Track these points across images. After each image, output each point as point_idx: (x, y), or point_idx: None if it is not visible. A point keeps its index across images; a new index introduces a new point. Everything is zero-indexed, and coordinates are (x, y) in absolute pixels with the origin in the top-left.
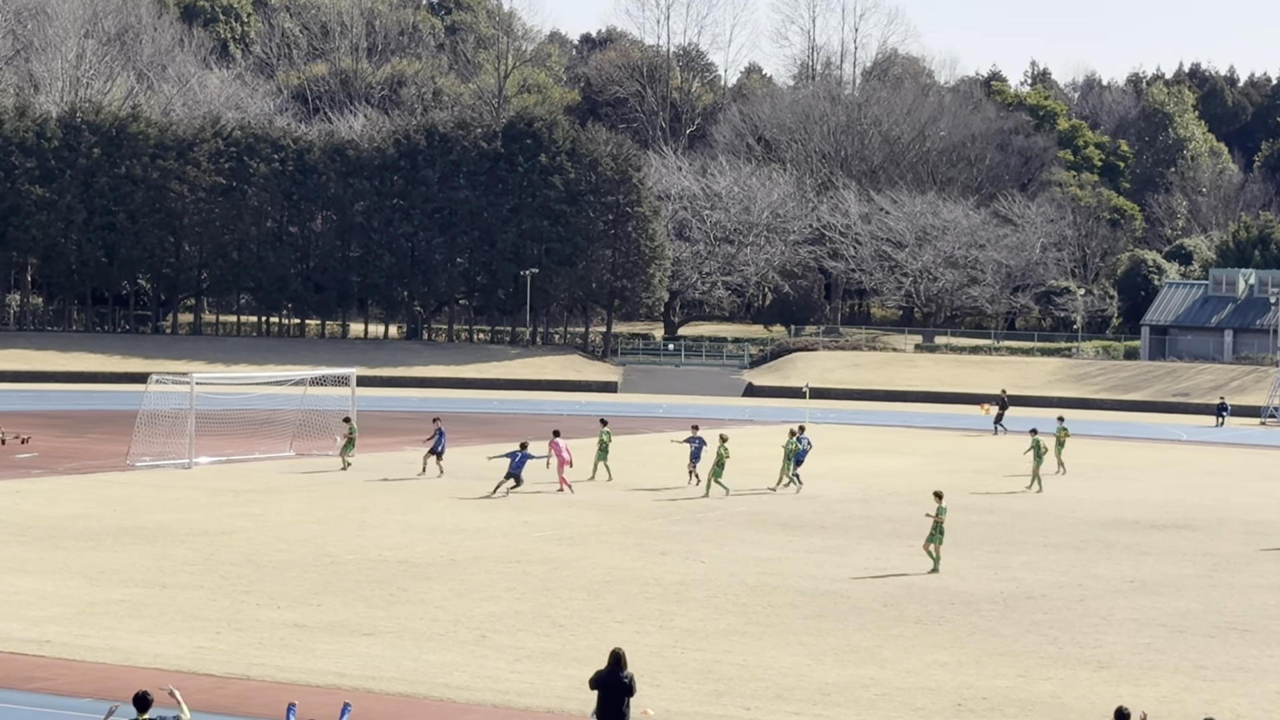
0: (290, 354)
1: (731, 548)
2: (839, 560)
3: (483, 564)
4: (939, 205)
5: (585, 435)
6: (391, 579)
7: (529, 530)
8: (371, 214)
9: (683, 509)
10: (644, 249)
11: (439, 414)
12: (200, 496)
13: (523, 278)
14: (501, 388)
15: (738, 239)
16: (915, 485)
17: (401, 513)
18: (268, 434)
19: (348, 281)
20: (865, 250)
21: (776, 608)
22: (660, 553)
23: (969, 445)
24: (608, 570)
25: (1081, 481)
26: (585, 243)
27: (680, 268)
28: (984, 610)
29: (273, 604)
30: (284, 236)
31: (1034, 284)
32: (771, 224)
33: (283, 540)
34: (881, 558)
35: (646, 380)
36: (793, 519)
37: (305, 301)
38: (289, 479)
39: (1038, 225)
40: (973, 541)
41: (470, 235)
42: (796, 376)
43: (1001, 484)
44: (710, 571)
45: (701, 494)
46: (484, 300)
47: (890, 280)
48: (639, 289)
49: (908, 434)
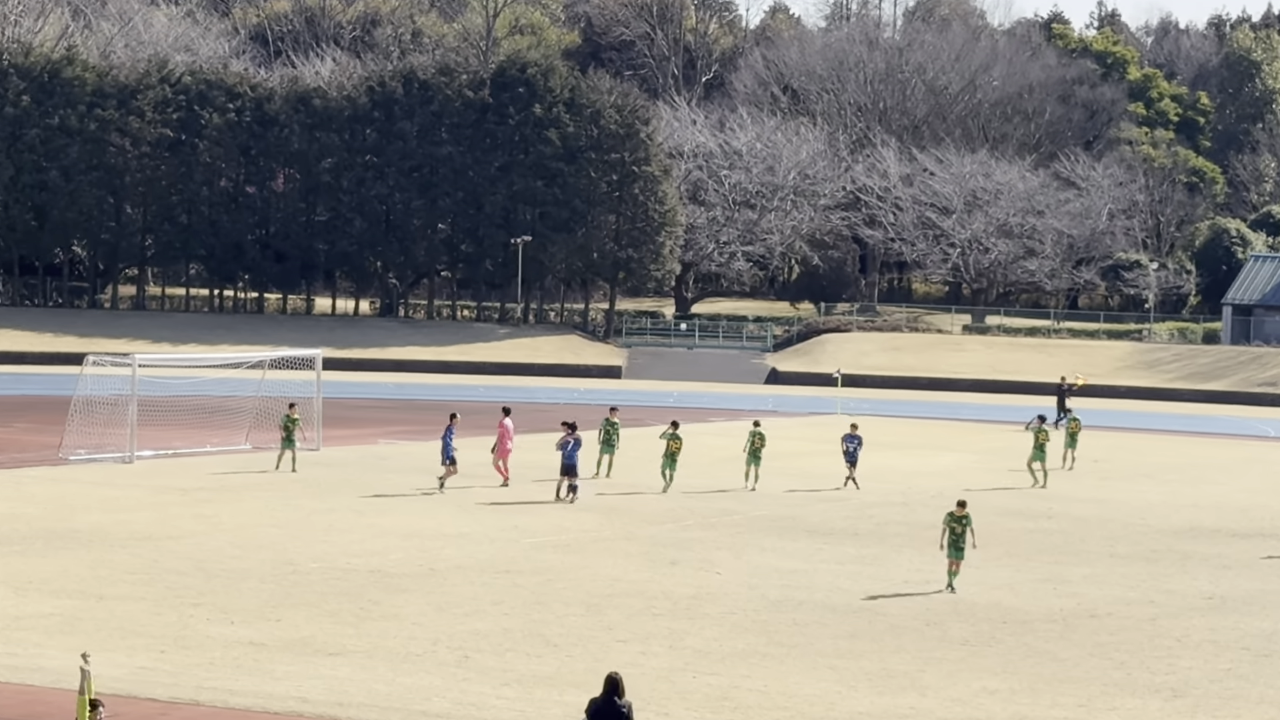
0: (247, 332)
1: (751, 557)
2: (874, 572)
3: (466, 574)
4: (991, 166)
5: (587, 426)
6: (361, 591)
7: (519, 535)
8: (340, 172)
9: (696, 512)
10: (653, 214)
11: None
12: (143, 495)
13: (513, 246)
14: (489, 372)
15: (760, 203)
16: (962, 486)
17: (373, 515)
18: (221, 424)
19: (313, 250)
20: (906, 217)
21: (802, 626)
22: (670, 562)
23: (1024, 441)
24: (609, 582)
25: (1153, 484)
26: (585, 207)
27: (694, 236)
28: (1040, 630)
29: (225, 618)
30: (240, 198)
31: (1100, 257)
32: (799, 186)
33: (237, 546)
34: (923, 569)
35: (655, 364)
36: (821, 525)
37: (264, 272)
38: (245, 476)
39: (1104, 189)
40: (1028, 551)
41: (453, 197)
42: (827, 361)
43: (1061, 485)
44: (727, 584)
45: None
46: (469, 272)
47: (935, 251)
48: (647, 260)
49: (954, 428)
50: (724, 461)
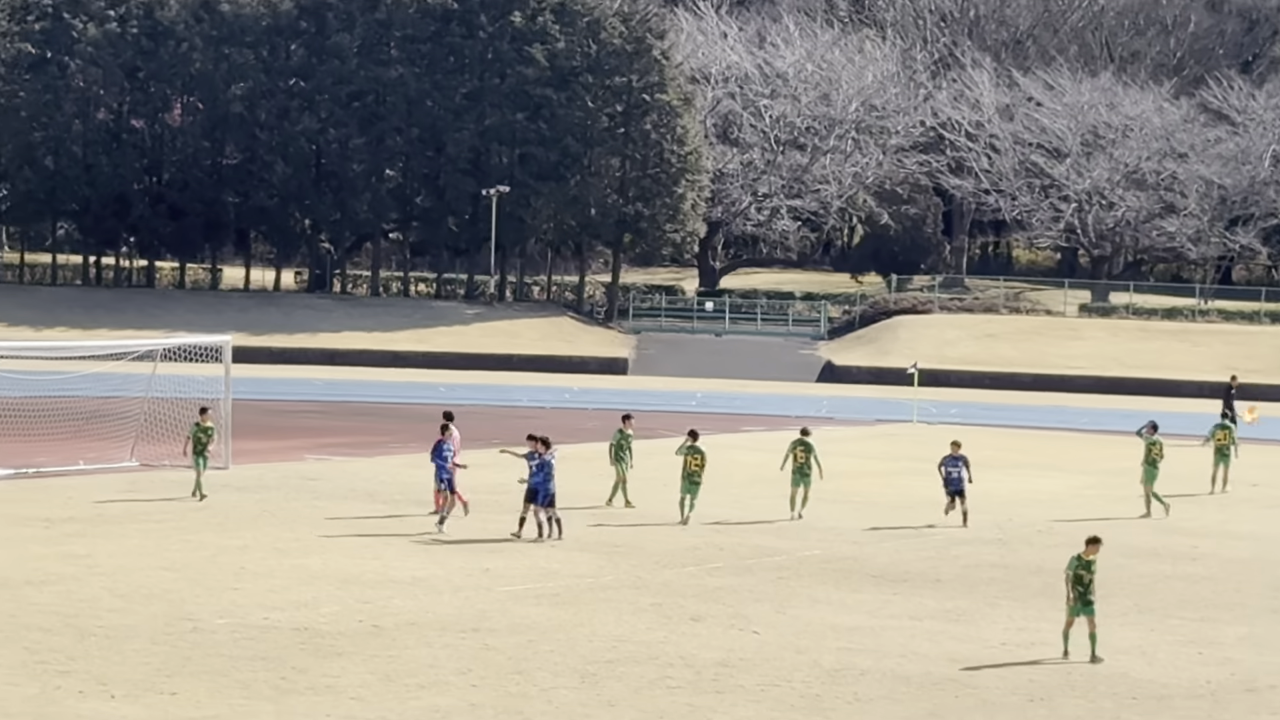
0: (132, 313)
1: (799, 611)
2: (962, 632)
3: (421, 633)
4: (1117, 94)
5: (583, 438)
6: (283, 654)
7: (492, 582)
8: (256, 102)
9: (725, 551)
10: (669, 157)
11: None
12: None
13: (485, 200)
14: (452, 365)
15: (812, 143)
16: (1079, 517)
17: (299, 554)
18: (97, 434)
19: (220, 203)
20: (1005, 161)
21: (867, 703)
22: (691, 618)
23: (1174, 458)
24: (611, 644)
25: None
26: (580, 147)
27: (725, 186)
28: (1181, 709)
29: (103, 691)
30: (124, 134)
31: (1260, 215)
32: (863, 121)
33: (119, 595)
34: (1026, 628)
35: (672, 357)
36: (892, 568)
37: (156, 233)
38: (129, 503)
39: (1267, 125)
40: (1166, 604)
41: (406, 135)
42: (899, 352)
43: (1211, 515)
44: (767, 647)
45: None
46: (426, 234)
47: (1042, 208)
48: (661, 218)
49: (1067, 440)
50: (762, 483)
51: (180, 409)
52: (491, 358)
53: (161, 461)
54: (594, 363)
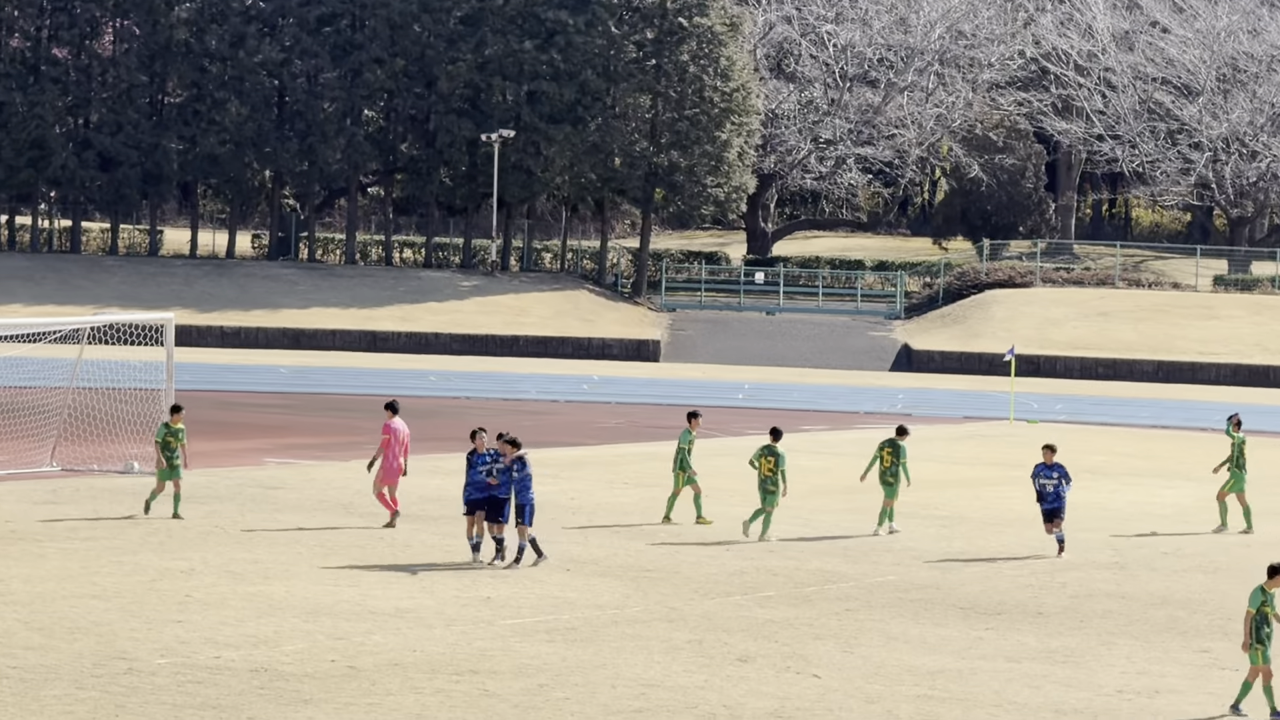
0: (54, 284)
1: (869, 650)
2: (1070, 676)
3: (407, 675)
4: (1262, 18)
5: (604, 438)
6: (238, 702)
7: (493, 614)
8: (205, 26)
9: (779, 576)
10: (711, 95)
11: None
12: None
13: (485, 147)
14: (444, 349)
15: (886, 79)
16: (1215, 537)
17: (258, 580)
18: (10, 433)
19: (161, 150)
20: (1123, 101)
21: None
22: (737, 658)
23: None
24: (639, 690)
25: None
26: (603, 83)
27: (779, 131)
28: None
29: None
30: (43, 66)
31: None
32: (949, 51)
33: (37, 629)
34: (1149, 671)
35: (713, 340)
36: (983, 599)
37: (82, 186)
38: (49, 514)
39: None
40: None
41: (388, 67)
42: (990, 335)
43: None
44: (830, 694)
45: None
46: (414, 189)
47: (1169, 158)
48: (701, 170)
49: (1199, 443)
50: (824, 494)
51: (112, 402)
52: (493, 340)
53: (89, 466)
54: (618, 346)
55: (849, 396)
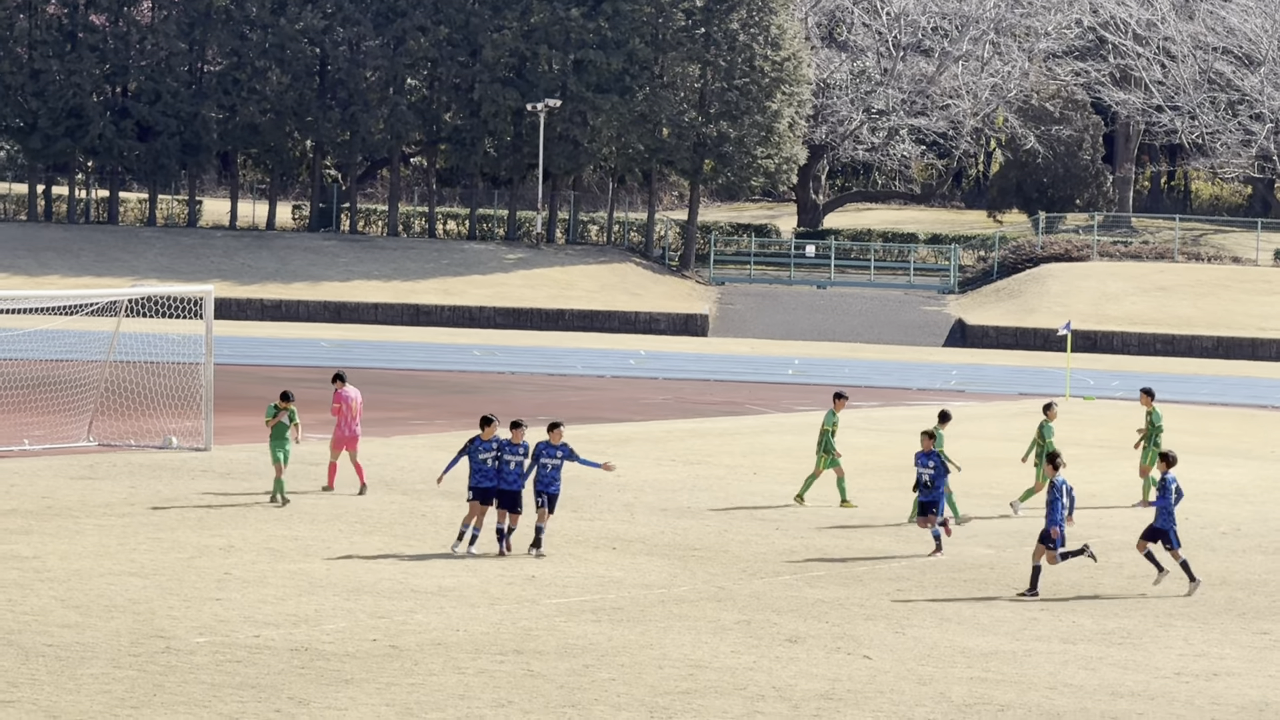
0: (91, 256)
1: (921, 630)
2: (1127, 657)
3: (450, 655)
4: None
5: (651, 414)
6: (278, 682)
7: (538, 593)
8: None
9: (830, 555)
10: (761, 65)
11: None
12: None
13: (531, 117)
14: (488, 323)
15: (940, 47)
16: (1275, 517)
17: (298, 557)
18: (47, 407)
19: (200, 120)
20: (1183, 71)
21: None
22: (787, 639)
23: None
24: (687, 670)
25: None
26: (651, 52)
27: (831, 102)
28: None
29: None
30: (81, 34)
31: None
32: (1005, 19)
33: (73, 606)
34: (1207, 654)
35: (763, 313)
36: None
37: (120, 157)
38: (86, 490)
39: None
40: None
41: (432, 35)
42: (1047, 309)
43: None
44: (881, 675)
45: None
46: (458, 159)
47: (1230, 129)
48: (751, 141)
49: (1260, 420)
50: (875, 472)
51: (150, 376)
52: (538, 313)
53: (126, 441)
54: (665, 320)
55: (901, 372)
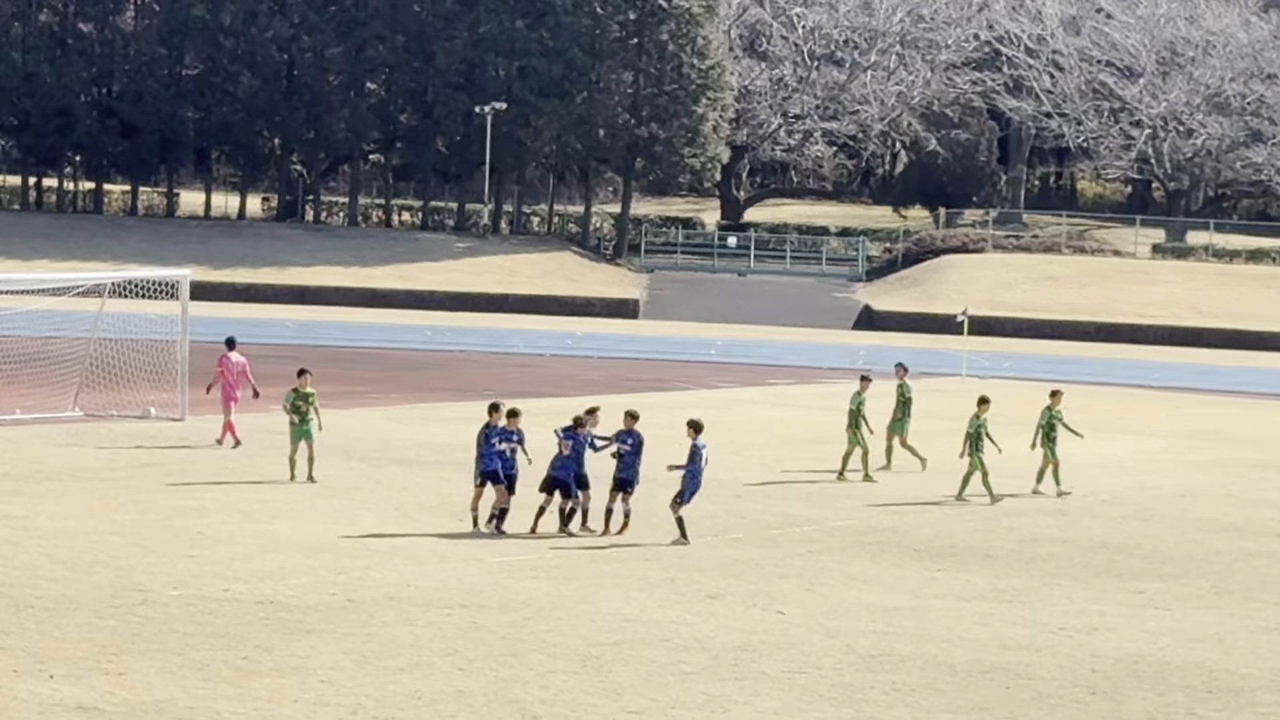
0: (78, 241)
1: (830, 588)
2: (1015, 614)
3: (401, 608)
4: (1198, 6)
5: (587, 390)
6: (246, 631)
7: (483, 552)
8: (220, 4)
9: (747, 520)
10: (688, 72)
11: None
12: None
13: (479, 118)
14: (439, 306)
15: (851, 58)
16: (1150, 486)
17: (264, 518)
18: (36, 380)
19: (178, 119)
20: (1069, 81)
21: (906, 693)
22: (708, 595)
23: (1259, 420)
24: (617, 624)
25: None
26: (588, 60)
27: (751, 107)
28: (1264, 704)
29: (40, 671)
30: (69, 39)
31: None
32: (909, 33)
33: (59, 562)
34: (1089, 611)
35: (688, 299)
36: (937, 542)
37: (105, 152)
38: (71, 456)
39: None
40: (1248, 587)
41: (390, 43)
42: (945, 297)
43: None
44: (793, 629)
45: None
46: (412, 156)
47: (1112, 134)
48: (678, 141)
49: (1138, 399)
50: (790, 443)
51: (131, 352)
52: (484, 297)
53: (108, 411)
54: (600, 304)
55: (813, 353)
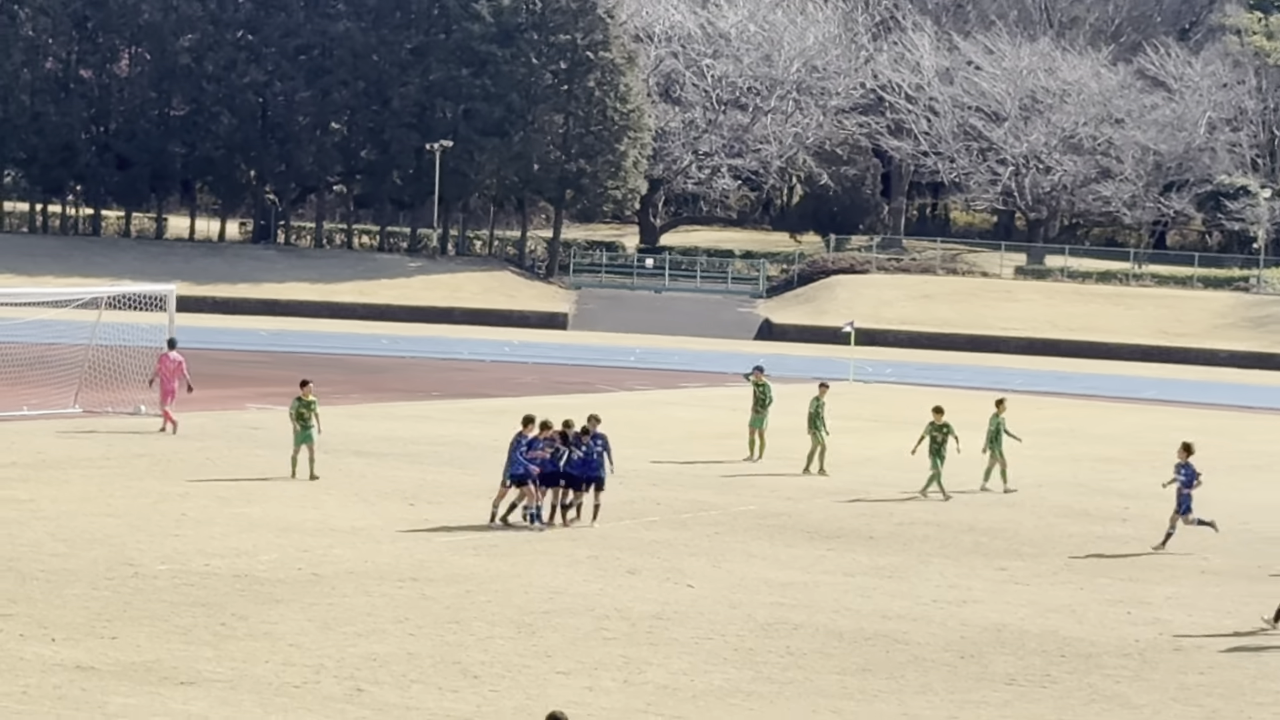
0: (78, 260)
1: (734, 565)
2: (895, 588)
3: (360, 581)
4: (1056, 59)
5: (522, 392)
6: (223, 601)
7: (431, 532)
8: (204, 54)
9: (662, 505)
10: (612, 115)
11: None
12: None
13: (429, 154)
14: (394, 318)
15: (753, 103)
16: (1013, 478)
17: (240, 503)
18: (41, 380)
19: (167, 154)
20: (944, 124)
21: (799, 657)
22: (627, 570)
23: (1106, 419)
24: (547, 595)
25: (1263, 478)
26: (524, 104)
27: (667, 145)
28: (1109, 667)
29: (44, 635)
30: (72, 84)
31: (1195, 180)
32: (804, 82)
33: (61, 540)
34: (958, 585)
35: (611, 312)
36: (826, 525)
37: (103, 182)
38: (71, 448)
39: (1203, 92)
40: (1096, 565)
41: (351, 88)
42: (836, 312)
43: (1142, 477)
44: (701, 600)
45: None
46: (371, 187)
47: (980, 170)
48: (603, 175)
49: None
50: (698, 439)
51: (124, 357)
52: (433, 310)
53: (104, 408)
54: (534, 317)
55: (720, 360)
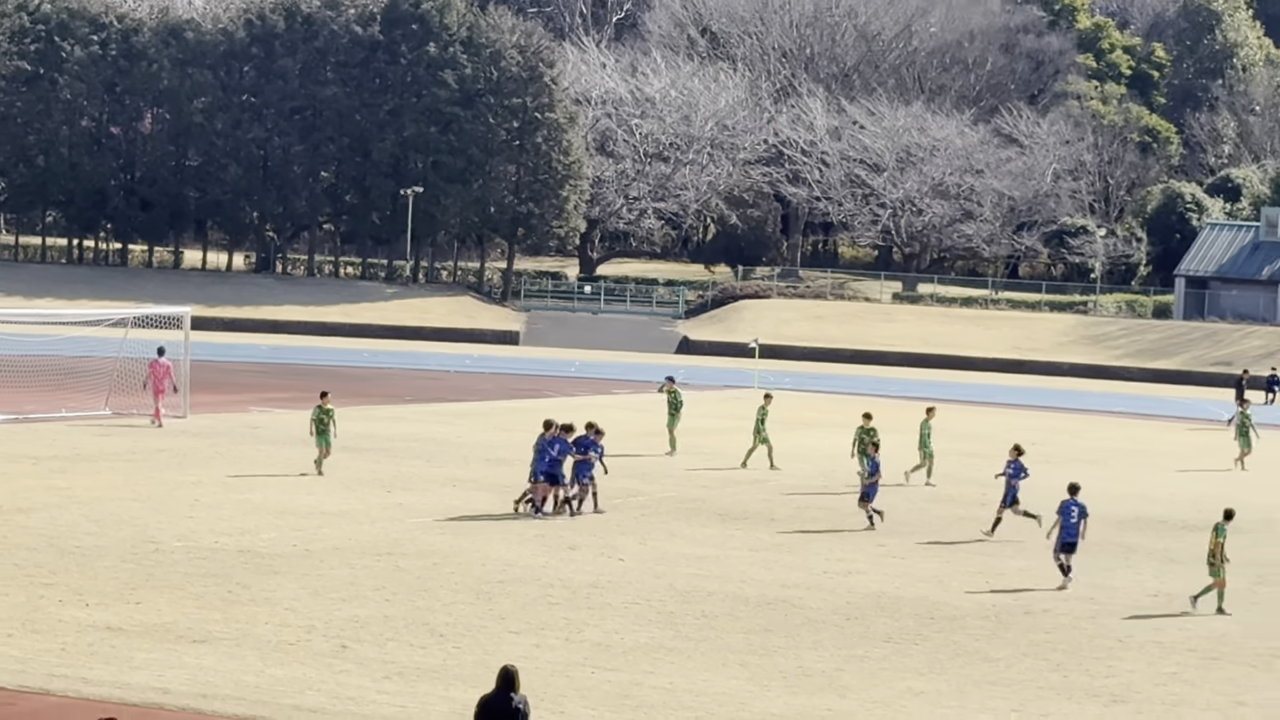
0: (108, 287)
1: (657, 543)
2: (791, 561)
3: (344, 556)
4: (927, 120)
5: (481, 397)
6: (229, 572)
7: (403, 514)
8: (214, 113)
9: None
10: (556, 165)
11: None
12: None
13: (403, 198)
14: (374, 335)
15: (674, 156)
16: (896, 470)
17: (243, 490)
18: (76, 387)
19: (183, 197)
20: (833, 174)
21: (712, 619)
22: (568, 547)
23: (969, 420)
24: (501, 567)
25: (1096, 470)
26: (483, 156)
27: (602, 190)
28: (971, 628)
29: (79, 601)
30: (104, 139)
31: (1043, 221)
32: (717, 138)
33: (93, 521)
34: (845, 559)
35: (555, 330)
36: (734, 508)
37: (129, 221)
38: (103, 444)
39: (1049, 147)
40: (959, 541)
41: (338, 143)
42: (743, 330)
43: (999, 469)
44: (630, 572)
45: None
46: (354, 225)
47: (864, 212)
48: (549, 216)
49: (882, 405)
50: (629, 437)
51: (146, 367)
52: (406, 329)
53: (130, 410)
54: (491, 335)
55: (645, 370)
